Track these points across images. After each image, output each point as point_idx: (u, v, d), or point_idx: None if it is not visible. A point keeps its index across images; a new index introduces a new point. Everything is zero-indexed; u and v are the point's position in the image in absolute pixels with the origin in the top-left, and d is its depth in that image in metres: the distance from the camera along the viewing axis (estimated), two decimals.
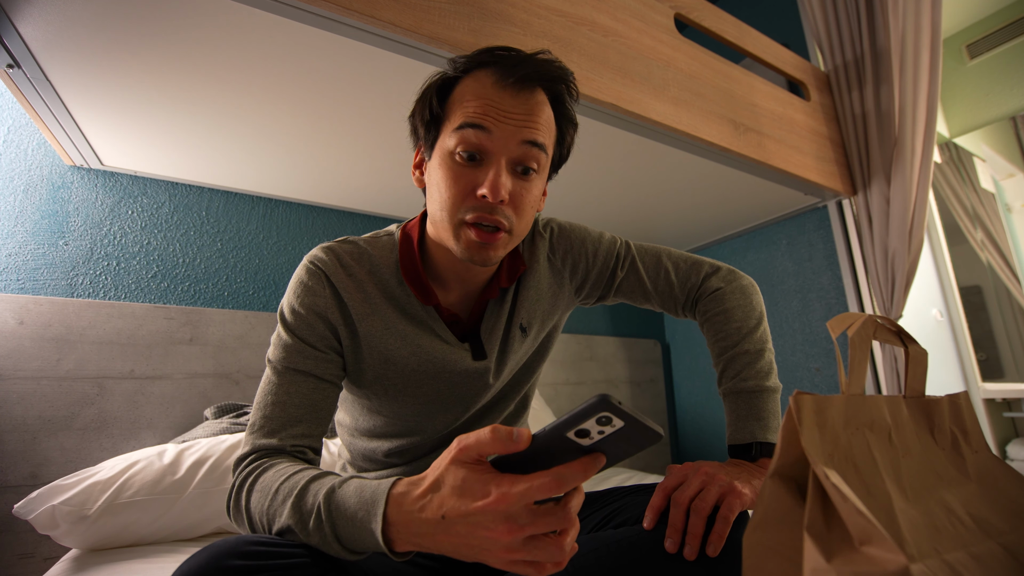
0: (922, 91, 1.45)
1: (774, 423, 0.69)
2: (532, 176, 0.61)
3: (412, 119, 0.66)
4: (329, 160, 1.33)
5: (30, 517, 0.86)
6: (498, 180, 0.57)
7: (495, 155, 0.58)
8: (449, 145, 0.59)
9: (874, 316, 0.48)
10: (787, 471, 0.41)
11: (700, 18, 1.27)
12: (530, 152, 0.59)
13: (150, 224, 1.38)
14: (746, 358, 0.72)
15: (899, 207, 1.45)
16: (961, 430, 0.52)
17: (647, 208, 1.72)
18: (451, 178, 0.59)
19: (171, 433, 1.23)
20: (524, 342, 0.75)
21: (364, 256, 0.68)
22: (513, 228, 0.61)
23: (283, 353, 0.62)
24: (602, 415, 0.33)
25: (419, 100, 0.64)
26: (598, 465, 0.36)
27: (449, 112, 0.60)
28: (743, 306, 0.76)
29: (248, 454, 0.57)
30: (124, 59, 0.91)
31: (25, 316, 1.14)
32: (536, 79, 0.59)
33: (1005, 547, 0.41)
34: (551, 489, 0.35)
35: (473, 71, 0.60)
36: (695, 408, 2.16)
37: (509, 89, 0.57)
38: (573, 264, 0.78)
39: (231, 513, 0.56)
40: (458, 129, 0.58)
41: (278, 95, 1.03)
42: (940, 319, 2.04)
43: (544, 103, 0.60)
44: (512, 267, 0.72)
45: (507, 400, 0.78)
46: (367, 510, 0.44)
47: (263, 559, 0.46)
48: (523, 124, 0.58)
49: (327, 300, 0.64)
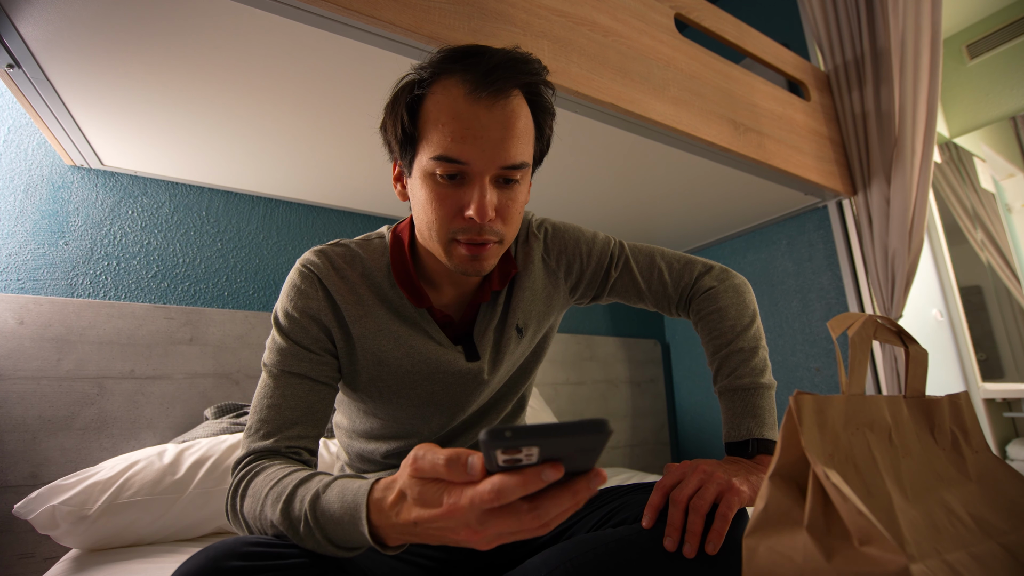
0: (922, 91, 1.45)
1: (770, 419, 0.69)
2: (515, 185, 0.60)
3: (384, 133, 0.64)
4: (329, 160, 1.33)
5: (30, 517, 0.86)
6: (483, 200, 0.56)
7: (476, 176, 0.57)
8: (428, 166, 0.57)
9: (874, 316, 0.48)
10: (787, 471, 0.41)
11: (700, 18, 1.27)
12: (511, 171, 0.58)
13: (150, 224, 1.38)
14: (740, 356, 0.72)
15: (899, 207, 1.45)
16: (961, 430, 0.52)
17: (647, 208, 1.72)
18: (436, 199, 0.58)
19: (171, 433, 1.23)
20: (520, 343, 0.75)
21: (356, 259, 0.68)
22: (504, 238, 0.61)
23: (278, 357, 0.63)
24: (503, 447, 0.31)
25: (389, 115, 0.62)
26: (539, 478, 0.33)
27: (423, 131, 0.58)
28: (736, 304, 0.76)
29: (243, 457, 0.58)
30: (124, 59, 0.91)
31: (25, 316, 1.14)
32: (509, 84, 0.56)
33: (1005, 547, 0.41)
34: (491, 500, 0.34)
35: (440, 78, 0.57)
36: (695, 408, 2.16)
37: (483, 102, 0.55)
38: (568, 264, 0.78)
39: (229, 517, 0.57)
40: (435, 159, 0.56)
41: (278, 95, 1.03)
42: (940, 319, 2.04)
43: (520, 106, 0.58)
44: (504, 270, 0.72)
45: (504, 401, 0.78)
46: (351, 514, 0.44)
47: (262, 560, 0.46)
48: (501, 144, 0.56)
49: (320, 303, 0.64)
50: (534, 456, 0.33)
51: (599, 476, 0.35)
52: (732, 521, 0.56)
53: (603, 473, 0.36)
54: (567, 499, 0.35)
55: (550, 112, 0.64)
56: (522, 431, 0.31)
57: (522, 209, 0.64)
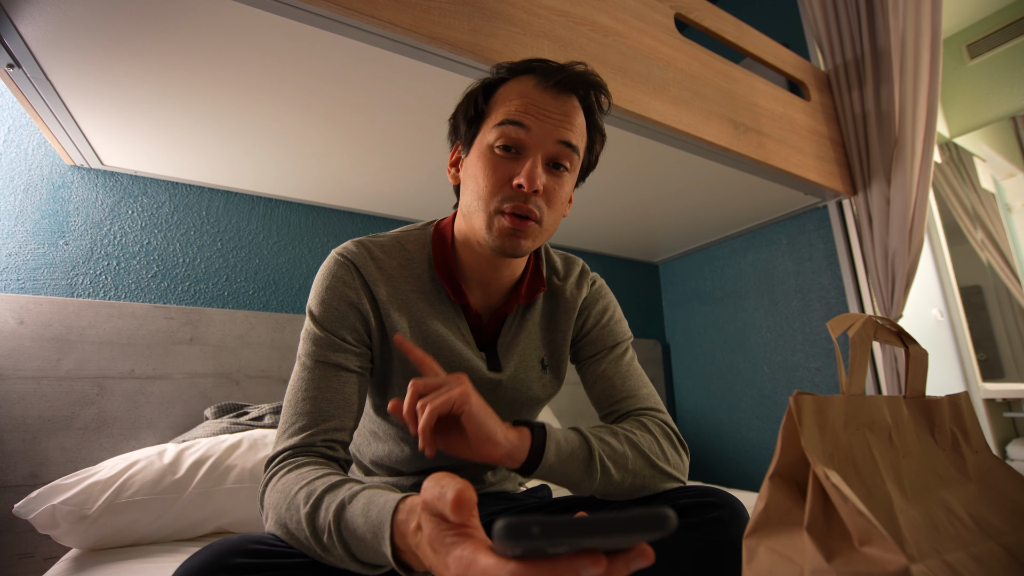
0: (922, 91, 1.45)
1: (554, 446, 0.58)
2: (564, 173, 0.64)
3: (454, 118, 0.70)
4: (329, 160, 1.33)
5: (30, 517, 0.86)
6: (534, 171, 0.60)
7: (532, 149, 0.61)
8: (489, 139, 0.62)
9: (874, 316, 0.48)
10: (787, 471, 0.41)
11: (700, 18, 1.27)
12: (564, 151, 0.62)
13: (150, 224, 1.38)
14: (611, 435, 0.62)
15: (899, 207, 1.45)
16: (961, 430, 0.52)
17: (647, 208, 1.72)
18: (490, 168, 0.62)
19: (171, 433, 1.23)
20: (543, 377, 0.74)
21: (396, 250, 0.69)
22: (543, 219, 0.62)
23: (313, 347, 0.61)
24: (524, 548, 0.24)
25: (464, 99, 0.68)
26: (577, 573, 0.26)
27: (492, 110, 0.64)
28: (646, 447, 0.64)
29: (278, 454, 0.57)
30: (124, 59, 0.91)
31: (25, 316, 1.14)
32: (574, 84, 0.63)
33: (1005, 547, 0.41)
34: None
35: (518, 75, 0.64)
36: (695, 408, 2.16)
37: (549, 91, 0.62)
38: (587, 317, 0.76)
39: (261, 513, 0.55)
40: (499, 125, 0.61)
41: (278, 95, 1.03)
42: (940, 319, 2.04)
43: (578, 109, 0.64)
44: (532, 286, 0.72)
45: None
46: (374, 533, 0.42)
47: (266, 557, 0.46)
48: (560, 124, 0.62)
49: (358, 291, 0.64)
50: (561, 549, 0.25)
51: (644, 555, 0.28)
52: (732, 522, 0.56)
53: (649, 552, 0.28)
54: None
55: (601, 132, 0.69)
56: (555, 526, 0.23)
57: (564, 203, 0.66)
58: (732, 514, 0.60)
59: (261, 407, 1.25)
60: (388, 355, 0.66)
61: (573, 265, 0.79)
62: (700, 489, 0.63)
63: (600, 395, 0.73)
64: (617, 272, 2.25)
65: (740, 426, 1.96)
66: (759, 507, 0.41)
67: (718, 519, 0.59)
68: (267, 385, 1.37)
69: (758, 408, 1.90)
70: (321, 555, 0.47)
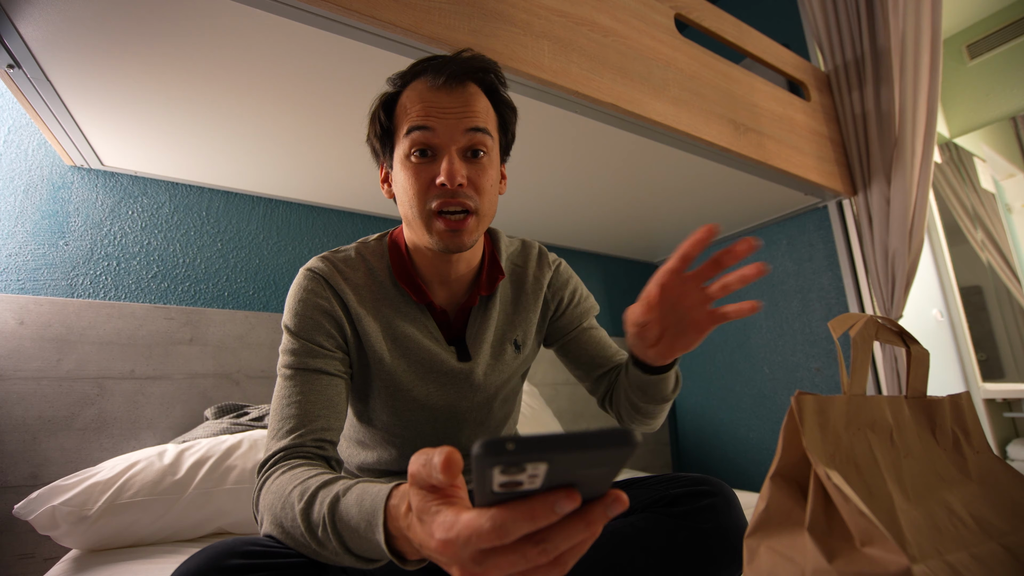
0: (922, 91, 1.45)
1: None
2: (483, 158, 0.65)
3: (368, 142, 0.72)
4: (329, 160, 1.33)
5: (30, 517, 0.86)
6: (452, 167, 0.61)
7: (444, 147, 0.63)
8: (403, 149, 0.64)
9: (875, 316, 0.48)
10: (789, 471, 0.41)
11: (700, 18, 1.27)
12: (475, 137, 0.64)
13: (150, 224, 1.38)
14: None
15: (899, 207, 1.45)
16: (963, 430, 0.52)
17: (647, 208, 1.72)
18: (412, 176, 0.64)
19: (171, 433, 1.23)
20: (517, 358, 0.77)
21: (358, 262, 0.71)
22: (479, 208, 0.64)
23: (292, 357, 0.63)
24: (503, 462, 0.24)
25: (370, 121, 0.70)
26: (551, 510, 0.27)
27: (397, 124, 0.66)
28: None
29: (268, 458, 0.57)
30: (124, 59, 0.91)
31: (25, 316, 1.14)
32: (464, 74, 0.64)
33: (1006, 547, 0.41)
34: (490, 538, 0.28)
35: (410, 83, 0.66)
36: (695, 408, 2.16)
37: (443, 89, 0.63)
38: (560, 299, 0.82)
39: (255, 518, 0.56)
40: (407, 134, 0.63)
41: (278, 95, 1.03)
42: (940, 319, 2.04)
43: (478, 94, 0.66)
44: (491, 276, 0.75)
45: (499, 412, 0.80)
46: (368, 521, 0.42)
47: (262, 558, 0.46)
48: (463, 115, 0.63)
49: (330, 300, 0.67)
50: (539, 478, 0.26)
51: (619, 500, 0.29)
52: (731, 522, 0.56)
53: (623, 497, 0.29)
54: (580, 530, 0.28)
55: (510, 107, 0.71)
56: (528, 442, 0.24)
57: (494, 186, 0.68)
58: (725, 502, 0.62)
59: (261, 407, 1.25)
60: (365, 360, 0.69)
61: (530, 249, 0.82)
62: (694, 478, 0.66)
63: (588, 363, 0.82)
64: (617, 272, 2.25)
65: (740, 426, 1.96)
66: (760, 507, 0.40)
67: (711, 506, 0.61)
68: (267, 385, 1.37)
69: (758, 408, 1.90)
70: (317, 551, 0.47)
